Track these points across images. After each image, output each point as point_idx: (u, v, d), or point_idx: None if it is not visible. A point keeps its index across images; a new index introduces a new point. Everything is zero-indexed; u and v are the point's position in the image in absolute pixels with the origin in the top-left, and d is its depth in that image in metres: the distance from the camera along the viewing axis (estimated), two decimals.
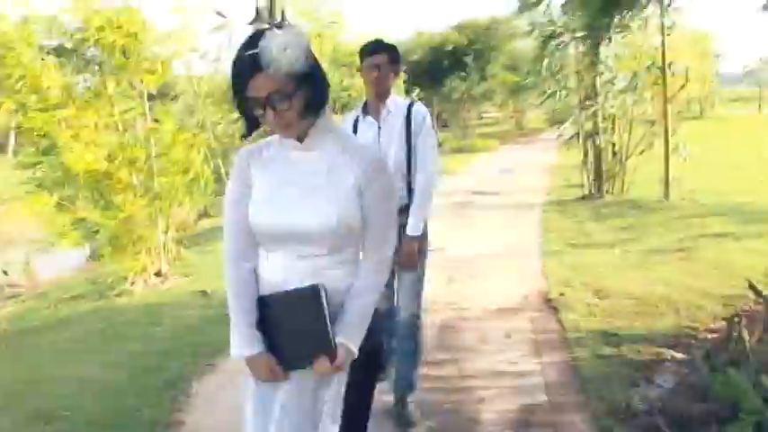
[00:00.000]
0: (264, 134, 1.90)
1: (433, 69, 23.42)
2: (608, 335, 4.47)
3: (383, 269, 1.88)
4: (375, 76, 3.27)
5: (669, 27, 10.25)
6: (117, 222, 6.37)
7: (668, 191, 10.23)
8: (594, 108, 10.73)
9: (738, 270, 5.56)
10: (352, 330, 1.80)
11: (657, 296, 5.27)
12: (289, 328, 1.81)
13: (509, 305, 5.31)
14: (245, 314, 1.83)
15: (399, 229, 3.12)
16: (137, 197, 6.53)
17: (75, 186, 6.34)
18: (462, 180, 13.70)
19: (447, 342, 4.54)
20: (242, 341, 1.83)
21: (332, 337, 1.75)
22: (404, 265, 3.29)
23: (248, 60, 1.66)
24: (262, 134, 1.90)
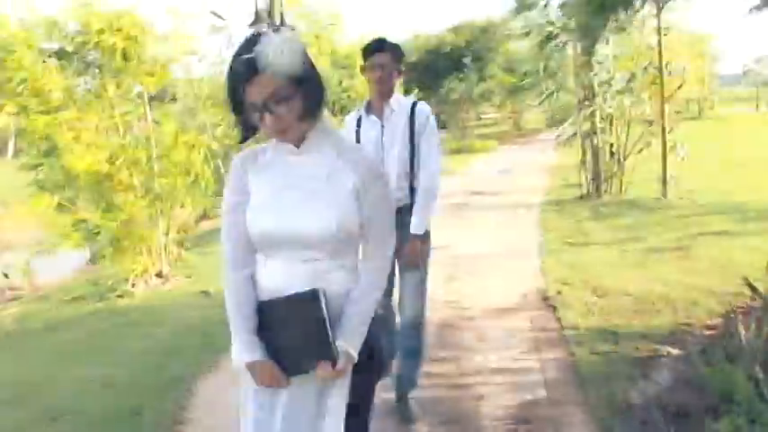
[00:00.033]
0: (259, 141, 1.90)
1: (431, 71, 23.47)
2: (606, 332, 4.51)
3: (382, 273, 1.87)
4: (378, 75, 3.24)
5: (666, 28, 10.29)
6: (118, 224, 6.40)
7: (666, 190, 10.26)
8: (592, 108, 10.77)
9: (736, 268, 5.59)
10: (353, 334, 1.79)
11: (655, 294, 5.31)
12: (289, 333, 1.79)
13: (508, 303, 5.34)
14: (245, 321, 1.81)
15: (402, 228, 3.18)
16: (137, 198, 6.57)
17: (76, 188, 6.38)
18: (461, 180, 13.73)
19: (447, 340, 4.57)
20: (242, 348, 1.82)
21: (332, 342, 1.75)
22: (408, 264, 3.28)
23: (245, 64, 1.64)
24: (256, 140, 1.90)
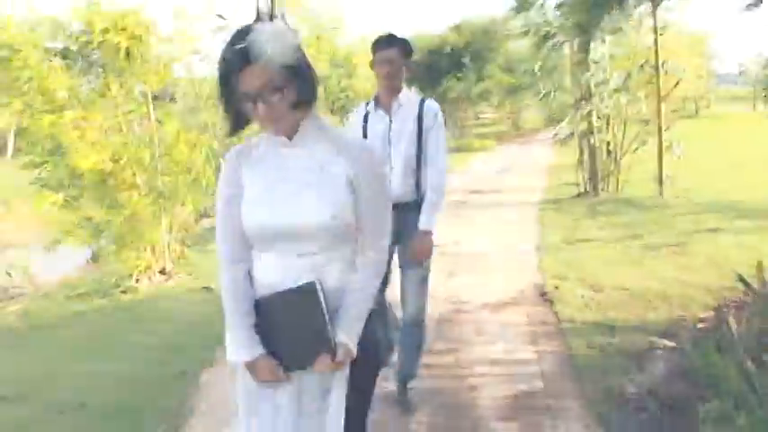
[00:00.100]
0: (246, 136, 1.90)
1: (431, 70, 23.52)
2: (602, 326, 4.62)
3: (379, 266, 1.87)
4: (387, 70, 3.23)
5: (662, 27, 10.39)
6: (122, 221, 6.49)
7: (662, 188, 10.37)
8: (589, 108, 10.87)
9: (731, 264, 5.68)
10: (351, 327, 1.78)
11: (651, 290, 5.42)
12: (287, 327, 1.78)
13: (506, 299, 5.44)
14: (242, 317, 1.80)
15: (406, 225, 3.27)
16: (141, 197, 6.65)
17: (81, 186, 6.45)
18: (460, 179, 13.82)
19: (447, 333, 4.66)
20: (240, 345, 1.80)
21: (331, 335, 1.74)
22: (415, 259, 3.31)
23: (238, 54, 1.64)
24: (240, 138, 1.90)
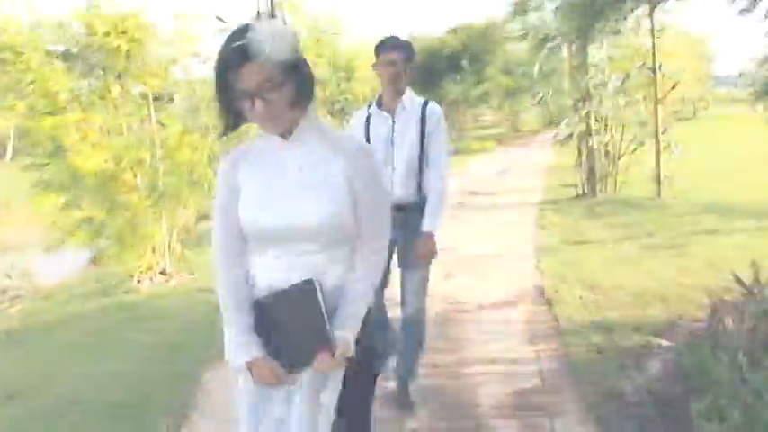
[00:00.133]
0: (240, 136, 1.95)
1: (430, 73, 23.57)
2: (600, 326, 4.65)
3: (379, 262, 1.86)
4: (391, 72, 3.26)
5: (659, 30, 10.44)
6: (123, 222, 6.54)
7: (660, 190, 10.41)
8: (587, 110, 10.91)
9: (728, 265, 5.69)
10: (350, 323, 1.77)
11: (648, 290, 5.45)
12: (286, 327, 1.77)
13: (505, 299, 5.48)
14: (241, 319, 1.81)
15: (407, 226, 3.31)
16: (142, 198, 6.70)
17: (82, 188, 6.50)
18: (459, 181, 13.84)
19: (446, 333, 4.70)
20: (240, 347, 1.80)
21: (330, 332, 1.73)
22: (420, 261, 3.35)
23: (236, 51, 1.64)
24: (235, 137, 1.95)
